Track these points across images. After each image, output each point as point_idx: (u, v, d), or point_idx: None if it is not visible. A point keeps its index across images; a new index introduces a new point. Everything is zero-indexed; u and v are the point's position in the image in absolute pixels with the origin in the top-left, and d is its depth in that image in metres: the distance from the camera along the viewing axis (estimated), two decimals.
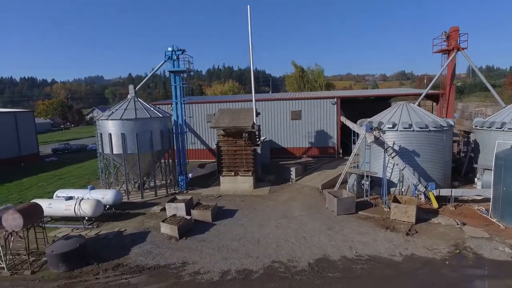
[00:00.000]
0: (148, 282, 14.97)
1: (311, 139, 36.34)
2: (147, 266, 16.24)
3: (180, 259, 16.76)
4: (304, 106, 35.94)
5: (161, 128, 26.91)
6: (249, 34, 25.81)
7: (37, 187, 32.00)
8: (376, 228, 19.36)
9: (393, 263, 15.62)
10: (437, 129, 23.72)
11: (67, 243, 16.53)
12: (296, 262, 16.04)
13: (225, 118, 27.46)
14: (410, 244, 17.27)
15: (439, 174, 24.43)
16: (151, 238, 19.32)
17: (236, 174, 27.62)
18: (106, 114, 26.17)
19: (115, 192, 23.34)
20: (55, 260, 16.04)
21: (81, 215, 21.00)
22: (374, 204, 22.64)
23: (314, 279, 14.56)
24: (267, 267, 15.68)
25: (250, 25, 25.65)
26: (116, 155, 25.87)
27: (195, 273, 15.50)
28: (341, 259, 16.15)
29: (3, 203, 26.92)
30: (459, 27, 27.13)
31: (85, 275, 15.74)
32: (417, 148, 23.87)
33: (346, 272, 14.95)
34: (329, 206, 22.30)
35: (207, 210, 21.29)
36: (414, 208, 19.44)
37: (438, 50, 29.08)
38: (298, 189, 27.13)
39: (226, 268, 15.75)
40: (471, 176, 27.59)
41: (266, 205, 23.92)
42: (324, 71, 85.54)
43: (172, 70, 26.85)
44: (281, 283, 14.40)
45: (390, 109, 26.91)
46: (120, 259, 17.03)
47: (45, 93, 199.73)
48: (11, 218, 15.88)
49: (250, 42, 26.07)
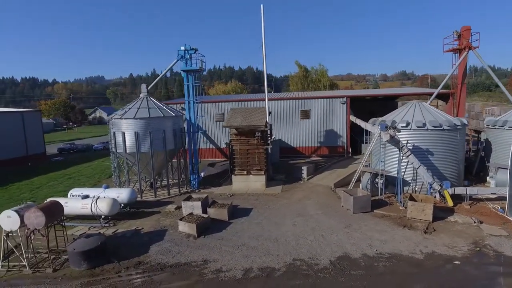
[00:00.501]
0: (171, 279, 15.01)
1: (320, 138, 36.39)
2: (168, 264, 16.28)
3: (201, 257, 16.80)
4: (313, 106, 36.00)
5: (174, 127, 26.96)
6: (262, 33, 25.90)
7: (47, 186, 32.02)
8: (394, 226, 19.42)
9: (415, 260, 15.67)
10: (451, 128, 23.78)
11: (88, 241, 16.57)
12: (317, 260, 16.09)
13: (238, 117, 27.50)
14: (430, 242, 17.32)
15: (453, 173, 24.47)
16: (169, 236, 19.36)
17: (249, 173, 27.66)
18: (119, 113, 26.21)
19: (130, 190, 23.37)
20: (77, 258, 16.08)
21: (97, 214, 21.04)
22: (389, 203, 22.69)
23: (337, 276, 14.61)
24: (289, 265, 15.73)
25: (263, 25, 25.74)
26: (129, 154, 25.89)
27: (217, 270, 15.54)
28: (362, 256, 16.19)
29: (18, 202, 26.98)
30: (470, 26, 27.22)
31: (107, 273, 15.78)
32: (430, 147, 23.91)
33: (369, 270, 15.00)
34: (345, 205, 22.34)
35: (224, 209, 21.33)
36: (431, 207, 19.50)
37: (449, 49, 29.16)
38: (311, 188, 27.18)
39: (248, 266, 15.79)
40: (482, 175, 27.67)
41: (281, 204, 23.97)
42: (328, 71, 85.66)
43: (185, 69, 26.90)
44: (305, 280, 14.45)
45: (403, 108, 26.96)
46: (140, 257, 17.08)
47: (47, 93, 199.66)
48: (33, 216, 15.92)
49: (263, 41, 26.17)
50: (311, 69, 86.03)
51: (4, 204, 26.69)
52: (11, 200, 27.79)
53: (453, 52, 29.02)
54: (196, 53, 27.13)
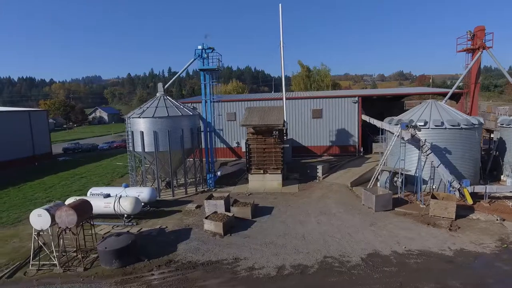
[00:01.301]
0: (206, 277, 15.05)
1: (332, 137, 36.56)
2: (199, 262, 16.31)
3: (231, 255, 16.86)
4: (325, 105, 36.17)
5: (191, 126, 27.00)
6: (281, 32, 26.07)
7: (60, 186, 31.87)
8: (418, 224, 19.61)
9: (445, 257, 15.86)
10: (469, 127, 24.05)
11: (119, 239, 16.56)
12: (348, 257, 16.22)
13: (255, 116, 27.58)
14: (456, 239, 17.53)
15: (470, 172, 24.75)
16: (195, 235, 19.39)
17: (265, 172, 27.74)
18: (137, 112, 26.17)
19: (151, 189, 23.36)
20: (108, 257, 16.06)
21: (120, 213, 20.99)
22: (409, 201, 22.90)
23: (371, 273, 14.74)
24: (321, 262, 15.84)
25: (281, 24, 25.88)
26: (147, 153, 25.87)
27: (249, 268, 15.61)
28: (392, 254, 16.35)
29: (33, 201, 26.88)
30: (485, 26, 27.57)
31: (139, 271, 15.78)
32: (448, 146, 24.15)
33: (401, 266, 15.15)
34: (366, 203, 22.51)
35: (247, 207, 21.41)
36: (454, 205, 19.73)
37: (463, 49, 29.49)
38: (328, 187, 27.32)
39: (280, 264, 15.88)
40: (496, 174, 27.98)
41: (301, 202, 24.08)
42: (330, 71, 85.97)
43: (202, 68, 26.93)
44: (340, 277, 14.57)
45: (418, 107, 27.19)
46: (169, 256, 17.10)
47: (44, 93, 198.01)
48: (64, 214, 15.88)
49: (281, 40, 26.31)
50: (313, 69, 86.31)
51: (20, 204, 26.57)
52: (26, 199, 27.66)
53: (466, 52, 29.35)
54: (213, 52, 27.13)
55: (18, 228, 21.53)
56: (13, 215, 23.82)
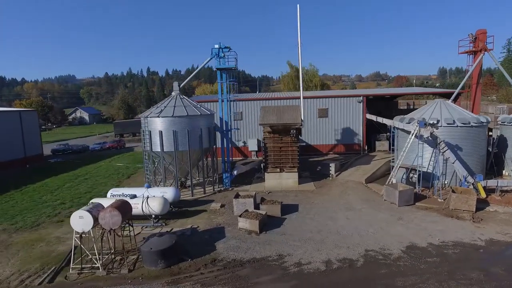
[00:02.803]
0: (257, 274, 15.17)
1: (337, 136, 37.42)
2: (244, 260, 16.39)
3: (274, 252, 17.05)
4: (330, 104, 36.97)
5: (208, 125, 26.90)
6: (298, 32, 26.49)
7: (66, 188, 30.76)
8: (442, 217, 20.59)
9: (479, 247, 16.80)
10: (478, 125, 25.42)
11: (162, 240, 16.36)
12: (389, 250, 16.83)
13: (271, 115, 27.84)
14: (483, 230, 18.57)
15: (478, 167, 26.14)
16: (229, 233, 19.42)
17: (282, 171, 28.06)
18: (155, 111, 25.75)
19: (175, 189, 23.10)
20: (154, 257, 15.83)
21: (148, 213, 20.67)
22: (427, 196, 23.92)
23: (417, 264, 15.41)
24: (364, 256, 16.35)
25: (299, 25, 26.30)
26: (166, 152, 25.53)
27: (297, 264, 15.88)
28: (429, 245, 17.12)
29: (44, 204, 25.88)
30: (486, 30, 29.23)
31: (186, 271, 15.66)
32: (459, 143, 25.41)
33: (442, 257, 15.92)
34: (387, 198, 23.31)
35: (276, 205, 21.65)
36: (475, 198, 20.86)
37: (465, 51, 31.10)
38: (343, 184, 28.01)
39: (325, 258, 16.24)
40: (497, 169, 29.64)
41: (322, 200, 24.59)
42: (318, 71, 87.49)
43: (219, 68, 26.89)
44: (389, 269, 15.13)
45: (427, 106, 28.40)
46: (210, 254, 17.07)
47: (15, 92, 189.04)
48: (109, 215, 15.53)
49: (299, 40, 26.73)
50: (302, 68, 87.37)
51: (31, 207, 25.50)
52: (36, 203, 26.56)
53: (468, 54, 30.97)
54: (230, 51, 27.16)
55: (40, 232, 20.70)
56: (28, 218, 22.85)
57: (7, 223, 22.29)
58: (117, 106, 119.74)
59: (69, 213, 23.57)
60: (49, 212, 23.85)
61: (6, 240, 19.64)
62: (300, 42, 26.61)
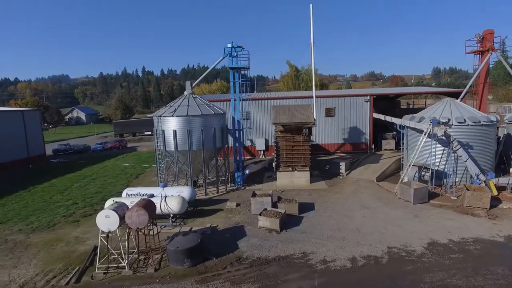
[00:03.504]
0: (285, 272, 15.26)
1: (344, 135, 37.68)
2: (270, 258, 16.47)
3: (297, 250, 17.16)
4: (337, 104, 37.21)
5: (221, 124, 26.94)
6: (311, 32, 26.63)
7: (76, 188, 30.53)
8: (457, 214, 20.92)
9: (499, 243, 17.12)
10: (488, 124, 25.82)
11: (188, 239, 16.40)
12: (411, 246, 17.05)
13: (283, 114, 27.96)
14: (501, 227, 18.91)
15: (487, 165, 26.53)
16: (250, 232, 19.48)
17: (294, 169, 28.21)
18: (168, 110, 25.68)
19: (191, 189, 23.06)
20: (180, 256, 15.83)
21: (167, 212, 20.63)
22: (440, 194, 24.25)
23: (441, 260, 15.65)
24: (388, 253, 16.55)
25: (312, 24, 26.47)
26: (180, 152, 25.50)
27: (322, 261, 16.01)
28: (449, 242, 17.39)
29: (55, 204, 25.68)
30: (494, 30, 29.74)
31: (213, 269, 15.70)
32: (470, 142, 25.78)
33: (465, 253, 16.19)
34: (402, 196, 23.58)
35: (294, 204, 21.78)
36: (489, 196, 21.23)
37: (472, 51, 31.59)
38: (355, 183, 28.25)
39: (350, 256, 16.41)
40: (503, 167, 30.15)
41: (337, 198, 24.79)
42: (318, 70, 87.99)
43: (232, 67, 26.93)
44: (414, 265, 15.34)
45: (436, 105, 28.77)
46: (234, 253, 17.12)
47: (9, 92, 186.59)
48: (135, 214, 15.49)
49: (311, 39, 26.91)
50: (301, 69, 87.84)
51: (43, 207, 25.32)
52: (47, 203, 26.35)
53: (474, 54, 31.45)
54: (242, 51, 27.20)
55: (57, 232, 20.54)
56: (43, 219, 22.65)
57: (22, 223, 22.09)
58: (114, 106, 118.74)
59: (84, 213, 23.63)
60: (64, 212, 23.67)
61: (24, 240, 19.46)
62: (312, 41, 26.77)
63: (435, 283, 13.90)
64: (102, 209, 23.56)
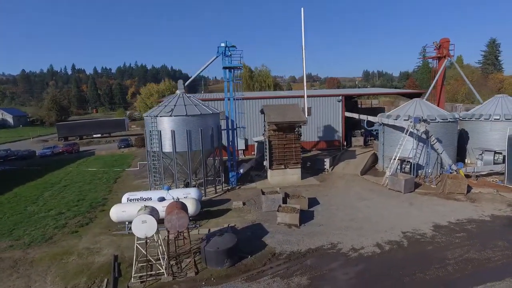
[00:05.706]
0: (323, 262, 15.96)
1: (319, 133, 39.67)
2: (302, 251, 17.07)
3: (325, 242, 18.02)
4: (313, 103, 39.05)
5: (217, 124, 26.67)
6: (302, 36, 27.71)
7: (49, 197, 27.46)
8: (443, 200, 23.75)
9: (487, 221, 19.99)
10: (454, 120, 29.61)
11: (225, 239, 16.20)
12: (421, 230, 19.03)
13: (274, 113, 28.62)
14: (482, 208, 22.00)
15: (451, 157, 30.36)
16: (270, 228, 19.81)
17: (286, 167, 29.07)
18: (165, 110, 24.65)
19: (198, 190, 22.56)
20: (220, 257, 15.62)
21: None
22: (420, 183, 27.16)
23: (451, 239, 17.81)
24: (404, 237, 18.27)
25: (303, 27, 27.53)
26: (178, 153, 24.66)
27: (353, 250, 17.11)
28: (449, 223, 19.78)
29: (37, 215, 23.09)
30: (449, 38, 34.14)
31: (253, 267, 15.79)
32: (439, 136, 29.20)
33: (467, 232, 18.61)
34: (392, 187, 25.90)
35: (303, 199, 22.61)
36: (466, 182, 24.47)
37: (431, 56, 35.78)
38: (342, 177, 30.11)
39: (374, 242, 17.77)
40: (459, 158, 34.67)
41: (334, 192, 26.26)
42: (271, 71, 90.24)
43: (226, 66, 26.81)
44: (432, 245, 17.24)
45: (407, 104, 32.00)
46: (266, 249, 17.38)
47: None
48: (175, 217, 14.91)
49: (303, 43, 27.95)
50: (255, 69, 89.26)
51: (23, 220, 22.56)
52: (24, 215, 23.49)
53: (433, 59, 35.70)
54: (235, 50, 27.24)
55: (59, 244, 18.53)
56: (33, 232, 20.19)
57: (9, 239, 19.45)
58: (46, 107, 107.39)
59: (78, 222, 21.78)
60: (54, 224, 21.33)
61: (24, 257, 17.25)
62: (303, 46, 27.85)
63: (457, 258, 15.87)
64: (96, 217, 22.14)
